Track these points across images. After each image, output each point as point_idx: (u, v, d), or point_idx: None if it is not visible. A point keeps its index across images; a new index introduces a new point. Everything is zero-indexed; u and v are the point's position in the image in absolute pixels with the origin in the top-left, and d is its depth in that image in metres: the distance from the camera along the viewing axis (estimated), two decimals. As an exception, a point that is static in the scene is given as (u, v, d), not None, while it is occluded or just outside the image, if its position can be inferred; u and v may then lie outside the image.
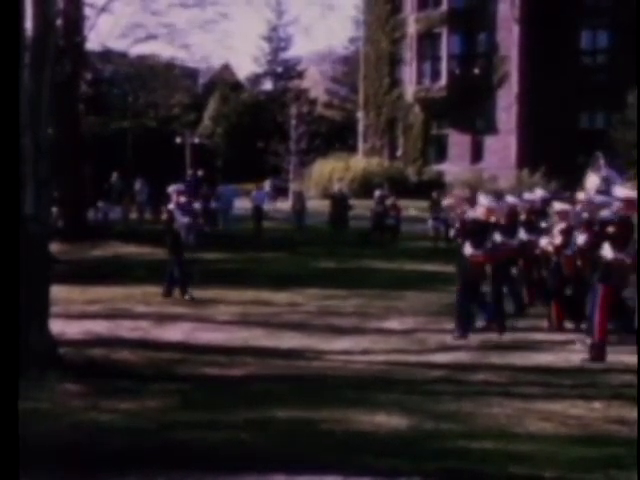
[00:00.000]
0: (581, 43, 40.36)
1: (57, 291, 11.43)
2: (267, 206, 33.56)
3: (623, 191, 11.84)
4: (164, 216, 16.69)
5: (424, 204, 29.56)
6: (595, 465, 6.79)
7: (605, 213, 11.63)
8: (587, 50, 40.53)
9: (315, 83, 64.73)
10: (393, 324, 13.30)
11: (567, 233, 12.76)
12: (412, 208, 17.50)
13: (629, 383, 9.90)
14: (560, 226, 12.94)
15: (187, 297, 15.62)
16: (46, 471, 6.45)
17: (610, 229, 11.19)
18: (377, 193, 29.64)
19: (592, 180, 16.29)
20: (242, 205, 34.92)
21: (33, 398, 8.83)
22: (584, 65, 40.07)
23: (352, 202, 31.62)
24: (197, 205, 34.04)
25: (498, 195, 15.44)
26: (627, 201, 11.30)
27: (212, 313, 14.35)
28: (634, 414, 8.39)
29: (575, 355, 11.13)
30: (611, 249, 11.03)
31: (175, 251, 16.04)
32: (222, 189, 35.12)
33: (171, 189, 16.72)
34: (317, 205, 35.52)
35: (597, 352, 10.98)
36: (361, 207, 31.43)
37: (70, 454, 6.99)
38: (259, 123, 54.81)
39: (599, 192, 15.08)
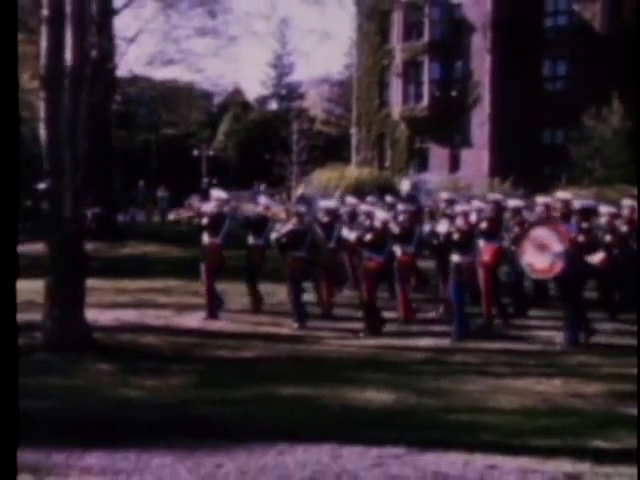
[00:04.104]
0: (543, 71, 40.34)
1: (91, 284, 11.44)
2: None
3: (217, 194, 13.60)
4: None
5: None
6: (555, 433, 6.82)
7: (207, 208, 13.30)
8: (548, 77, 40.51)
9: (314, 103, 64.61)
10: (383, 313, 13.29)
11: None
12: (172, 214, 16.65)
13: (584, 363, 9.94)
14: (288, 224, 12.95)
15: None
16: (83, 439, 6.47)
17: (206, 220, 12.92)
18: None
19: (405, 184, 17.82)
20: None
21: (71, 376, 8.87)
22: (546, 90, 40.04)
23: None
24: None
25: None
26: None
27: (225, 303, 14.30)
28: (588, 389, 8.43)
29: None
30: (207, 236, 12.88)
31: None
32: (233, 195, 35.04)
33: None
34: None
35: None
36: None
37: (103, 424, 7.01)
38: (266, 138, 54.71)
39: (408, 196, 16.46)
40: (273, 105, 67.72)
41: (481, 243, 12.36)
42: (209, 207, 13.36)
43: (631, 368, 9.40)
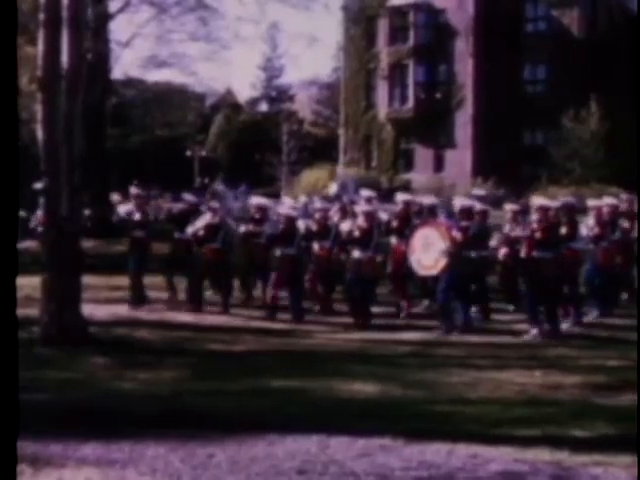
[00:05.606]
0: (524, 74, 40.53)
1: (87, 280, 11.41)
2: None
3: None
4: None
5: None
6: (534, 423, 6.86)
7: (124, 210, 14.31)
8: (529, 80, 40.71)
9: (303, 105, 64.49)
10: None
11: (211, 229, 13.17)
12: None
13: (563, 355, 9.99)
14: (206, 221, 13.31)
15: None
16: (79, 430, 6.46)
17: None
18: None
19: (332, 187, 18.65)
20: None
21: (67, 369, 8.86)
22: (526, 92, 40.22)
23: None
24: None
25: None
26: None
27: (217, 298, 14.25)
28: (566, 380, 8.47)
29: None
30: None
31: None
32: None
33: None
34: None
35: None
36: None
37: (98, 416, 7.00)
38: (256, 139, 54.61)
39: (336, 195, 17.26)
40: (263, 107, 67.59)
41: (393, 240, 12.66)
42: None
43: (607, 360, 9.50)
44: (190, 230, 13.31)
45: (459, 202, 12.59)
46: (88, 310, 10.98)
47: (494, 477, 5.53)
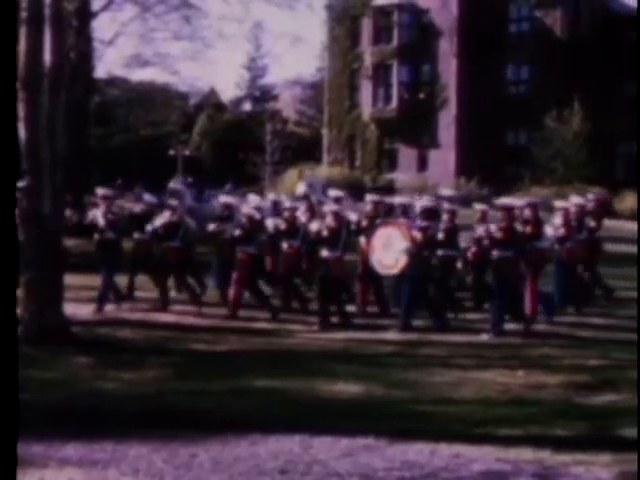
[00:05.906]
0: (507, 75, 40.70)
1: (70, 279, 11.34)
2: None
3: None
4: None
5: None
6: (516, 422, 6.89)
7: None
8: (512, 80, 40.89)
9: (287, 105, 64.42)
10: (351, 308, 13.31)
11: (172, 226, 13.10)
12: None
13: (545, 355, 10.04)
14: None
15: None
16: (61, 430, 6.43)
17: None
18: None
19: (300, 187, 18.75)
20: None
21: (49, 369, 8.81)
22: (509, 92, 40.39)
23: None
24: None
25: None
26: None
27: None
28: (549, 380, 8.51)
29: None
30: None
31: None
32: (208, 193, 35.08)
33: None
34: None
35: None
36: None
37: (80, 416, 6.97)
38: (240, 138, 54.45)
39: (304, 195, 17.40)
40: (247, 106, 67.45)
41: (362, 240, 12.76)
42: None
43: (588, 360, 9.56)
44: (149, 228, 13.19)
45: (420, 203, 12.65)
46: (70, 309, 10.93)
47: (476, 477, 5.56)
